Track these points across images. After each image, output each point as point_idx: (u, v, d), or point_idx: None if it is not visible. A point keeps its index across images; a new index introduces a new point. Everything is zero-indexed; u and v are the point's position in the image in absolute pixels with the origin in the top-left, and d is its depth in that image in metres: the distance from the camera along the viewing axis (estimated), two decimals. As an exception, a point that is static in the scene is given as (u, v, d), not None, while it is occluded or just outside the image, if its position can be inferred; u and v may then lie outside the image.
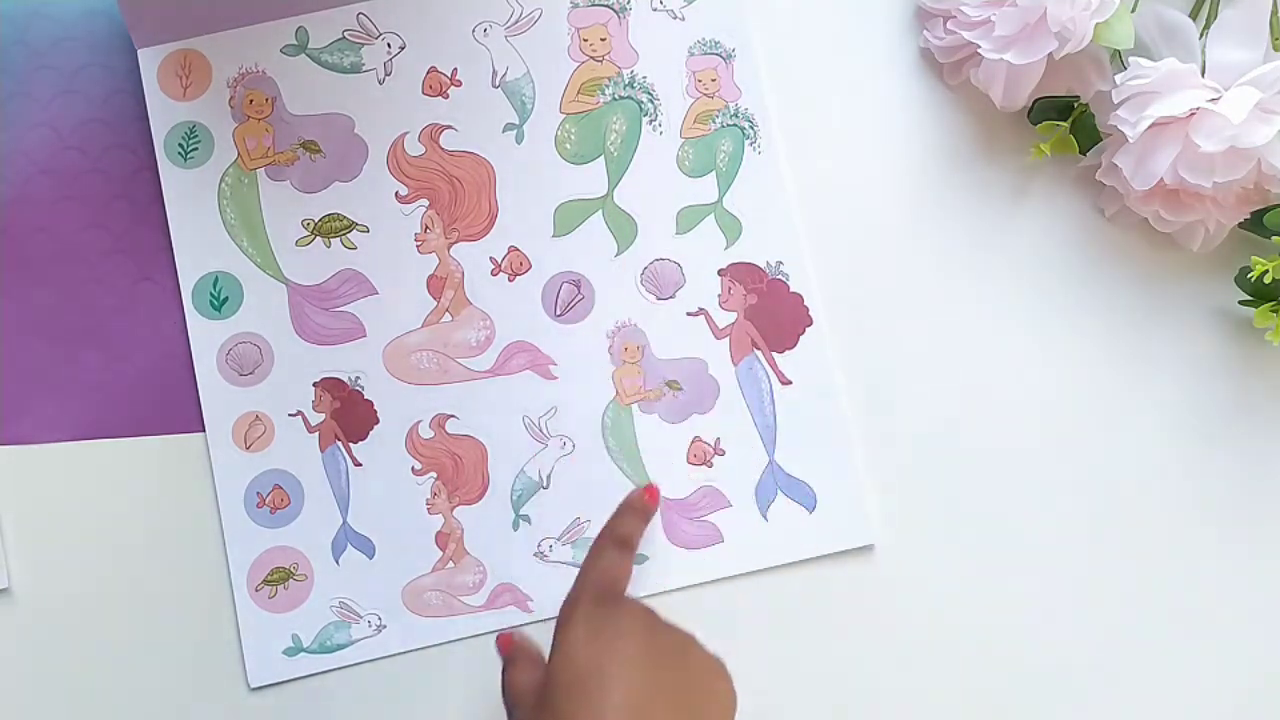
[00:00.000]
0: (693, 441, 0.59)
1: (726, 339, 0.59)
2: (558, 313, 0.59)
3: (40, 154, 0.59)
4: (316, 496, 0.58)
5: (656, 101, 0.60)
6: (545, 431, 0.58)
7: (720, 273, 0.59)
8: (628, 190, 0.60)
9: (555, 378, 0.59)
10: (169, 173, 0.59)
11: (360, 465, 0.58)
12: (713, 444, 0.59)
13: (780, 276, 0.59)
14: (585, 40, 0.60)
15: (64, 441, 0.58)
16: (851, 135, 0.61)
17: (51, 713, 0.57)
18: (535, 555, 0.58)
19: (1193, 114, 0.54)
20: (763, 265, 0.59)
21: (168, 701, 0.57)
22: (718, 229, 0.60)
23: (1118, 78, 0.56)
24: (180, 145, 0.59)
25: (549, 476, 0.58)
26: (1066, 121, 0.59)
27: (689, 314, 0.59)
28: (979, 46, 0.57)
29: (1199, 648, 0.58)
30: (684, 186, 0.60)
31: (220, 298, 0.58)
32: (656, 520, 0.58)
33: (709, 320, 0.59)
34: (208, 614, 0.57)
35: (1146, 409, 0.60)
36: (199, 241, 0.58)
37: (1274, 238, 0.56)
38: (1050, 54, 0.55)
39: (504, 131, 0.60)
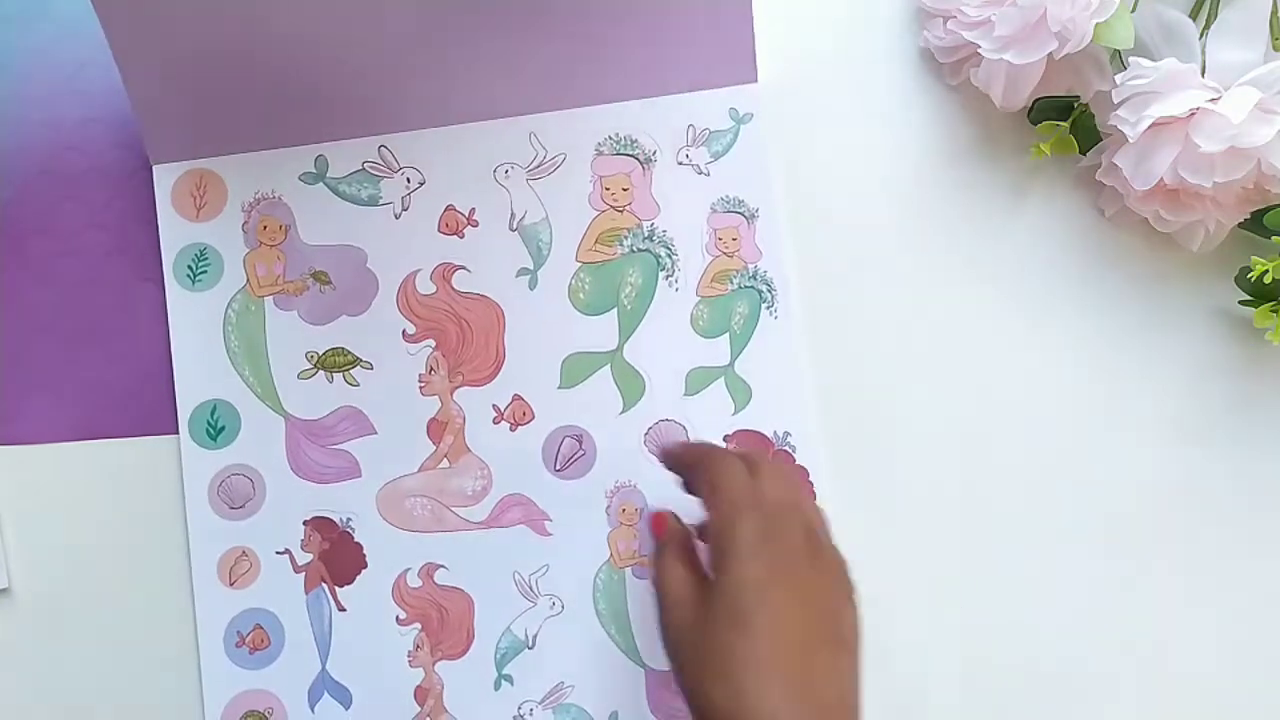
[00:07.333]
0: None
1: (727, 506, 0.58)
2: (557, 467, 0.58)
3: (40, 154, 0.58)
4: (297, 639, 0.56)
5: (675, 257, 0.59)
6: (535, 589, 0.57)
7: (726, 439, 0.58)
8: (638, 346, 0.58)
9: (550, 534, 0.57)
10: (175, 294, 0.58)
11: (344, 610, 0.56)
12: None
13: (787, 448, 0.58)
14: (607, 189, 0.59)
15: (63, 441, 0.57)
16: (851, 135, 0.60)
17: (51, 713, 0.56)
18: (514, 718, 0.56)
19: (1193, 114, 0.53)
20: (770, 435, 0.58)
21: (168, 700, 0.56)
22: (727, 393, 0.58)
23: (1118, 78, 0.55)
24: (189, 267, 0.58)
25: (535, 636, 0.57)
26: (1066, 121, 0.58)
27: (691, 478, 0.58)
28: (979, 46, 0.56)
29: (1199, 647, 0.58)
30: (696, 346, 0.59)
31: (217, 426, 0.57)
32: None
33: (711, 486, 0.58)
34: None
35: (1146, 409, 0.59)
36: (200, 368, 0.57)
37: (1274, 238, 0.55)
38: (1050, 54, 0.55)
39: (517, 276, 0.59)
